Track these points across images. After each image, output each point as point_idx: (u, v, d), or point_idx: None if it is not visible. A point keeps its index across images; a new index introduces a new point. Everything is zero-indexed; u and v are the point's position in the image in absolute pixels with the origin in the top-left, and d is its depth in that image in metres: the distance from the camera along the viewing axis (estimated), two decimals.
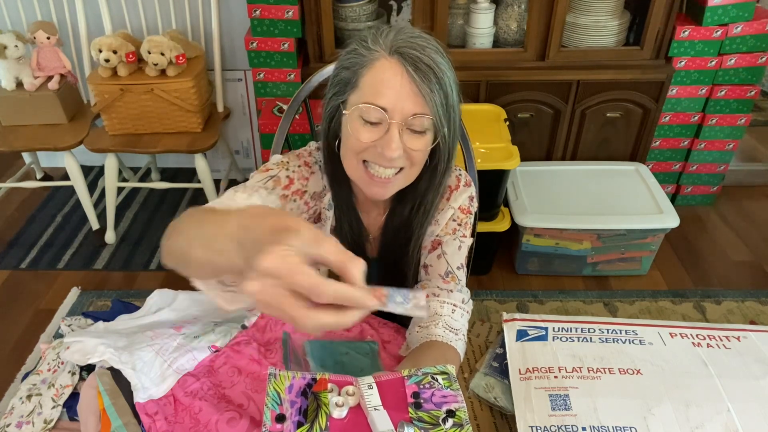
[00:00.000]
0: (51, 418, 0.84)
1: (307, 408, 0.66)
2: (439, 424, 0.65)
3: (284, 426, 0.63)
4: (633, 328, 0.97)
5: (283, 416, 0.64)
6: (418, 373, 0.72)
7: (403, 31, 0.82)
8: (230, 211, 0.57)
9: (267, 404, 0.65)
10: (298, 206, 0.92)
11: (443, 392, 0.69)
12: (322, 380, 0.69)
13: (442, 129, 0.83)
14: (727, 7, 2.05)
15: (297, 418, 0.64)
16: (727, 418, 0.81)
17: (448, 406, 0.67)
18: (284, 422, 0.64)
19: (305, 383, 0.68)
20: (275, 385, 0.68)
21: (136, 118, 2.06)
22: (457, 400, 0.68)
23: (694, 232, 2.40)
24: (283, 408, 0.65)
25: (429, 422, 0.66)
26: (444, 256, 0.97)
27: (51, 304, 2.04)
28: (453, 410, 0.67)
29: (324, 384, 0.68)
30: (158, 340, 0.87)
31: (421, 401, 0.67)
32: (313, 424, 0.65)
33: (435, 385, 0.70)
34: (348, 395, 0.67)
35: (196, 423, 0.77)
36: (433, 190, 0.94)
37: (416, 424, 0.65)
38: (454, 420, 0.66)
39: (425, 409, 0.67)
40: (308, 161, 0.96)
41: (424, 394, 0.68)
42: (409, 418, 0.66)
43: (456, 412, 0.66)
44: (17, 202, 2.57)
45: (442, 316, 0.90)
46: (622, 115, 2.20)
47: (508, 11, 2.12)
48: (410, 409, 0.67)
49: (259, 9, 1.99)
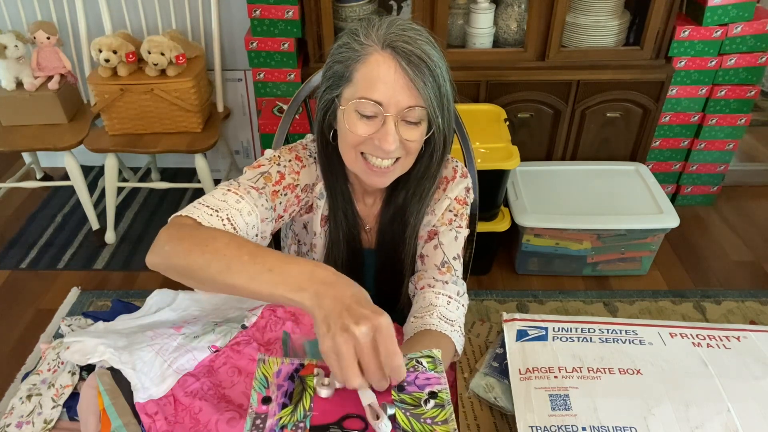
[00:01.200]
0: (51, 418, 0.84)
1: (293, 391, 0.67)
2: (420, 405, 0.66)
3: (269, 407, 0.64)
4: (633, 328, 0.97)
5: (269, 398, 0.65)
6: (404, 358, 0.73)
7: (394, 24, 0.83)
8: (290, 261, 0.68)
9: (254, 387, 0.66)
10: (288, 199, 0.94)
11: (427, 374, 0.70)
12: (309, 365, 0.70)
13: (436, 119, 0.85)
14: (727, 7, 2.05)
15: (282, 400, 0.65)
16: (727, 418, 0.81)
17: (430, 388, 0.68)
18: (269, 404, 0.64)
19: (293, 368, 0.69)
20: (263, 369, 0.68)
21: (136, 118, 2.06)
22: (440, 382, 0.69)
23: (694, 232, 2.40)
24: (269, 391, 0.66)
25: (411, 404, 0.66)
26: (440, 247, 0.98)
27: (51, 304, 2.04)
28: (435, 392, 0.67)
29: (311, 369, 0.69)
30: (158, 340, 0.87)
31: (405, 384, 0.68)
32: (297, 405, 0.65)
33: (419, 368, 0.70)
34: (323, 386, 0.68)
35: (196, 423, 0.77)
36: (428, 177, 0.96)
37: (398, 405, 0.66)
38: (436, 401, 0.66)
39: (408, 392, 0.68)
40: (300, 155, 0.97)
41: (408, 378, 0.69)
42: (392, 400, 0.66)
43: (438, 394, 0.67)
44: (17, 202, 2.57)
45: (437, 307, 0.91)
46: (622, 115, 2.20)
47: (508, 11, 2.12)
48: (393, 392, 0.67)
49: (259, 9, 1.99)
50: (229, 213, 0.82)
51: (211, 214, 0.81)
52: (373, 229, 1.05)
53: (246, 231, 0.84)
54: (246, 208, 0.85)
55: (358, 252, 1.04)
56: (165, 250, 0.75)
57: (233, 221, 0.82)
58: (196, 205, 0.83)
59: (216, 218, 0.81)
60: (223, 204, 0.83)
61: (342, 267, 1.03)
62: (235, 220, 0.82)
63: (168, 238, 0.76)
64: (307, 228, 1.06)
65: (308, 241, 1.06)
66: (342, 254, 1.02)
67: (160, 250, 0.75)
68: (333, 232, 1.00)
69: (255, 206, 0.86)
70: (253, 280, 0.67)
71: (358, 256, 1.04)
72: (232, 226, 0.82)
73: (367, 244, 1.06)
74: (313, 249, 1.04)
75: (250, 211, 0.85)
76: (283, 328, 0.92)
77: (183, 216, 0.81)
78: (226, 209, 0.83)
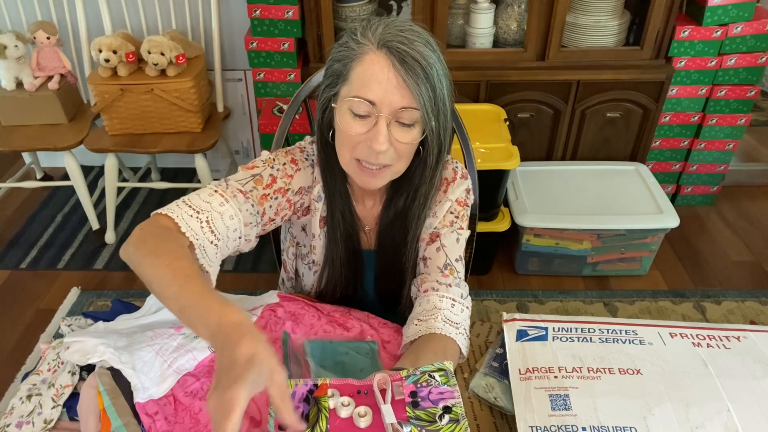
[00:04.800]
0: (51, 418, 0.84)
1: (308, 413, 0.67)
2: (435, 421, 0.66)
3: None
4: (633, 328, 0.97)
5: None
6: (416, 372, 0.73)
7: (392, 25, 0.83)
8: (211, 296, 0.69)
9: (270, 413, 0.66)
10: (279, 203, 0.94)
11: (440, 389, 0.69)
12: (323, 386, 0.70)
13: (429, 122, 0.84)
14: (727, 7, 2.05)
15: None
16: (727, 418, 0.81)
17: (444, 403, 0.68)
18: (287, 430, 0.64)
19: (307, 390, 0.69)
20: None
21: (136, 118, 2.06)
22: (453, 396, 0.68)
23: (694, 232, 2.40)
24: None
25: (426, 420, 0.66)
26: (443, 249, 0.97)
27: (51, 304, 2.04)
28: (450, 406, 0.67)
29: (324, 389, 0.70)
30: (158, 340, 0.87)
31: (419, 400, 0.68)
32: (314, 428, 0.65)
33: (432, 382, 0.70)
34: (360, 417, 0.68)
35: (196, 423, 0.77)
36: (425, 182, 0.95)
37: (413, 423, 0.65)
38: (451, 416, 0.66)
39: (422, 408, 0.67)
40: (296, 158, 0.97)
41: (421, 393, 0.69)
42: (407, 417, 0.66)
43: (452, 408, 0.67)
44: (17, 202, 2.57)
45: (442, 310, 0.91)
46: (622, 115, 2.20)
47: (508, 11, 2.12)
48: (408, 408, 0.67)
49: (259, 9, 1.99)
50: (210, 216, 0.84)
51: (191, 215, 0.82)
52: (372, 231, 1.05)
53: (226, 234, 0.85)
54: (229, 211, 0.85)
55: (358, 253, 1.04)
56: (129, 251, 0.78)
57: (212, 224, 0.83)
58: (180, 204, 0.84)
59: (195, 220, 0.82)
60: (206, 205, 0.84)
61: (341, 267, 1.03)
62: (215, 223, 0.84)
63: (136, 239, 0.79)
64: (305, 230, 1.05)
65: (307, 243, 1.06)
66: (341, 255, 1.01)
67: (127, 247, 0.79)
68: (331, 233, 1.00)
69: (239, 210, 0.87)
70: (179, 312, 0.71)
71: (358, 256, 1.04)
72: (210, 229, 0.83)
73: (367, 245, 1.06)
74: (312, 251, 1.04)
75: (232, 215, 0.86)
76: (283, 328, 0.92)
77: (162, 215, 0.82)
78: (208, 211, 0.84)
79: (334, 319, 0.97)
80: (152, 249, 0.76)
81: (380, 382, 0.71)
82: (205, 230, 0.83)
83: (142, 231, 0.80)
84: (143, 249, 0.77)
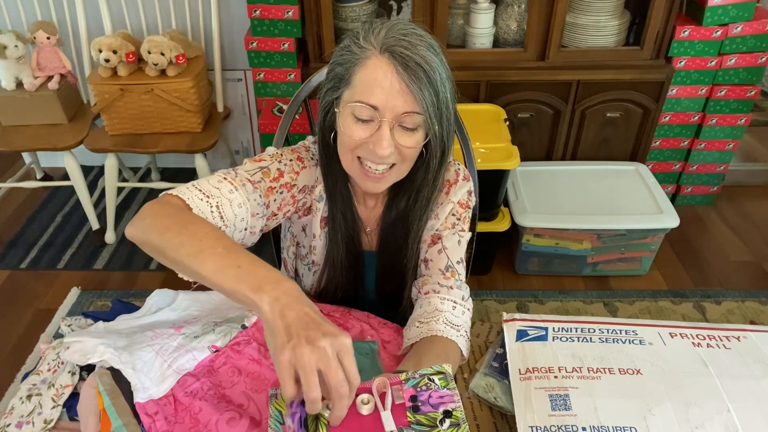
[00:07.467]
0: (51, 418, 0.84)
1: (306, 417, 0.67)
2: (436, 426, 0.66)
3: None
4: (633, 328, 0.97)
5: None
6: (416, 376, 0.72)
7: (394, 28, 0.82)
8: (261, 265, 0.68)
9: (270, 425, 0.66)
10: (284, 198, 0.93)
11: (440, 393, 0.69)
12: None
13: (432, 126, 0.84)
14: (727, 7, 2.05)
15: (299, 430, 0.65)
16: (727, 418, 0.81)
17: (444, 407, 0.67)
18: None
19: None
20: (277, 404, 0.69)
21: (136, 118, 2.06)
22: (453, 400, 0.68)
23: (694, 232, 2.40)
24: (285, 428, 0.66)
25: (427, 424, 0.66)
26: (444, 251, 0.97)
27: (51, 304, 2.04)
28: (450, 410, 0.67)
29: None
30: (158, 340, 0.87)
31: (419, 404, 0.68)
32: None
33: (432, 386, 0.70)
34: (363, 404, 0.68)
35: (196, 423, 0.77)
36: (428, 184, 0.95)
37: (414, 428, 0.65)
38: (451, 420, 0.66)
39: (423, 412, 0.67)
40: (301, 156, 0.97)
41: (421, 397, 0.69)
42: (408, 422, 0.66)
43: (453, 412, 0.67)
44: (17, 202, 2.57)
45: (443, 312, 0.91)
46: (622, 115, 2.20)
47: (508, 11, 2.12)
48: (408, 413, 0.67)
49: (259, 9, 1.99)
50: (219, 201, 0.82)
51: (201, 198, 0.81)
52: (374, 232, 1.04)
53: (234, 222, 0.84)
54: (238, 199, 0.84)
55: (358, 253, 1.04)
56: (145, 222, 0.75)
57: (222, 209, 0.82)
58: (189, 186, 0.83)
59: (205, 204, 0.81)
60: (215, 191, 0.83)
61: (342, 269, 1.02)
62: (224, 209, 0.82)
63: (151, 212, 0.76)
64: (305, 230, 1.05)
65: (307, 243, 1.06)
66: (341, 256, 1.01)
67: (140, 223, 0.76)
68: (332, 233, 1.00)
69: (247, 199, 0.86)
70: (220, 271, 0.68)
71: (358, 257, 1.04)
72: (219, 215, 0.82)
73: (368, 246, 1.05)
74: (312, 251, 1.04)
75: (241, 203, 0.85)
76: None
77: (173, 195, 0.81)
78: (218, 197, 0.83)
79: (334, 319, 0.97)
80: (177, 220, 0.74)
81: (380, 386, 0.71)
82: (215, 215, 0.81)
83: (156, 206, 0.78)
84: (165, 220, 0.74)
